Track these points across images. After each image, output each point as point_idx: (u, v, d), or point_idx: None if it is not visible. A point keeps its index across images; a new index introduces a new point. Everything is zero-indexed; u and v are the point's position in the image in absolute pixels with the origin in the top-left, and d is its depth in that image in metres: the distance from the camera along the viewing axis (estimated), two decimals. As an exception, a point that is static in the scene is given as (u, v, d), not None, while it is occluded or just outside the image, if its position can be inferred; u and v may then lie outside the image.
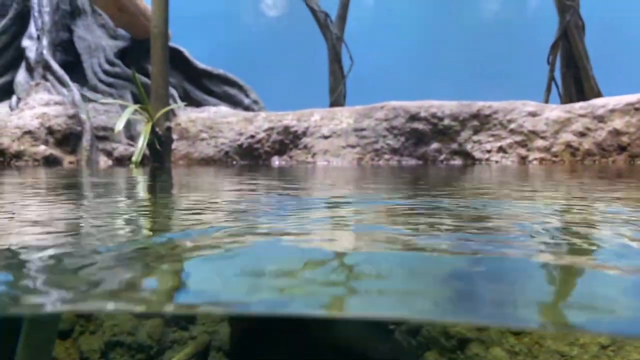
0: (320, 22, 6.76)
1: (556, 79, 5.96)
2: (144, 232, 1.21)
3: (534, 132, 4.72)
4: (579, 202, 1.92)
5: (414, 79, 8.94)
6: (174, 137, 4.98)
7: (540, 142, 4.70)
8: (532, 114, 4.79)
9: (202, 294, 0.68)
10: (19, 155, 4.86)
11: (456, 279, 0.73)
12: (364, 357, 3.93)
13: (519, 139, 4.72)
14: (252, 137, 5.08)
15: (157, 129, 4.31)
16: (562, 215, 1.50)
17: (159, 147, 4.33)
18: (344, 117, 5.13)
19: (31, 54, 5.95)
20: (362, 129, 4.97)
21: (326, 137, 5.01)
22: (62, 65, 5.99)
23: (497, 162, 4.63)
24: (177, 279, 0.75)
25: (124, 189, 2.87)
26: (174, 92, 5.89)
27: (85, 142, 5.11)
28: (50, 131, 5.13)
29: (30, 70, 5.96)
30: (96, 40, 6.47)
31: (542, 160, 4.65)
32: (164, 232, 1.21)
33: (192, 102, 6.25)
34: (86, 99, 5.74)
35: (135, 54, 6.41)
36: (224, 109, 5.65)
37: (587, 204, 1.89)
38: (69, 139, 5.16)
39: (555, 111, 4.81)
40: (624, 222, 1.36)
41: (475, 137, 4.78)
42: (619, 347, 3.31)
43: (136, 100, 5.41)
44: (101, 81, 6.26)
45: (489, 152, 4.70)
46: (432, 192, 2.36)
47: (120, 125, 4.10)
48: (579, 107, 4.82)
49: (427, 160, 4.77)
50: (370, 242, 1.04)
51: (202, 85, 6.49)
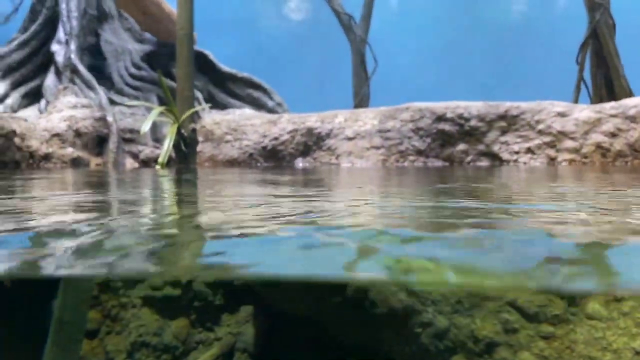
0: (344, 25, 6.75)
1: (585, 80, 5.83)
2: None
3: (563, 133, 4.62)
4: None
5: (439, 80, 8.85)
6: (199, 139, 5.01)
7: (569, 143, 4.59)
8: (561, 115, 4.69)
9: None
10: (47, 157, 4.95)
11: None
12: (389, 360, 3.84)
13: (547, 139, 4.62)
14: (275, 139, 5.08)
15: (183, 131, 4.34)
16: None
17: (184, 148, 4.36)
18: (368, 119, 5.10)
19: (60, 58, 6.07)
20: (387, 130, 4.93)
21: (350, 139, 4.98)
22: (90, 69, 6.09)
23: (525, 163, 4.54)
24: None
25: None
26: (199, 94, 5.93)
27: (111, 144, 5.17)
28: (77, 134, 5.22)
29: (58, 74, 6.08)
30: (122, 44, 6.56)
31: (571, 161, 4.55)
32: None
33: (216, 105, 6.29)
34: (113, 102, 5.82)
35: (160, 57, 6.48)
36: (248, 112, 5.66)
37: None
38: (96, 142, 5.24)
39: (585, 111, 4.70)
40: None
41: (502, 138, 4.70)
42: (656, 353, 3.16)
43: (162, 103, 5.47)
44: (127, 84, 6.34)
45: (517, 153, 4.61)
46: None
47: (146, 126, 4.13)
48: (609, 107, 4.70)
49: (453, 161, 4.70)
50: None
51: (227, 88, 6.53)
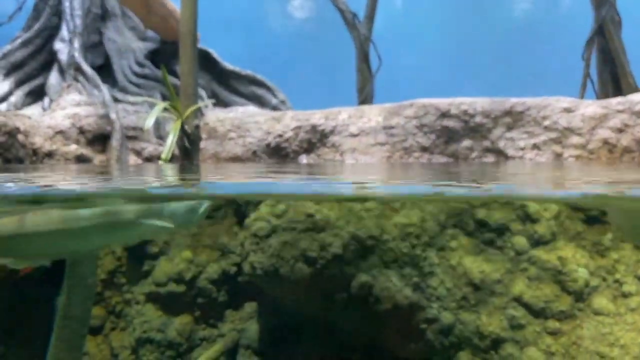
0: (348, 23, 6.72)
1: (591, 76, 5.79)
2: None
3: (569, 129, 4.58)
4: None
5: (444, 78, 8.82)
6: (203, 136, 4.99)
7: (575, 139, 4.55)
8: (567, 110, 4.65)
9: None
10: (50, 154, 4.94)
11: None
12: (392, 358, 3.83)
13: (553, 135, 4.59)
14: (279, 136, 5.06)
15: (186, 127, 4.33)
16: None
17: (188, 145, 4.35)
18: (373, 115, 5.07)
19: (63, 57, 6.06)
20: (391, 127, 4.91)
21: (354, 136, 4.96)
22: (93, 67, 6.08)
23: (531, 159, 4.51)
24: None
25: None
26: (202, 92, 5.92)
27: (115, 141, 5.16)
28: (81, 131, 5.21)
29: (62, 72, 6.07)
30: (126, 42, 6.55)
31: (577, 157, 4.51)
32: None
33: (220, 102, 6.28)
34: (116, 100, 5.82)
35: (164, 55, 6.47)
36: (251, 109, 5.65)
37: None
38: (100, 139, 5.23)
39: (591, 107, 4.66)
40: None
41: (508, 134, 4.67)
42: (664, 349, 3.12)
43: (165, 101, 5.45)
44: (131, 82, 6.33)
45: (523, 149, 4.58)
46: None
47: (149, 122, 4.12)
48: (616, 102, 4.66)
49: (458, 157, 4.68)
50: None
51: (230, 86, 6.51)
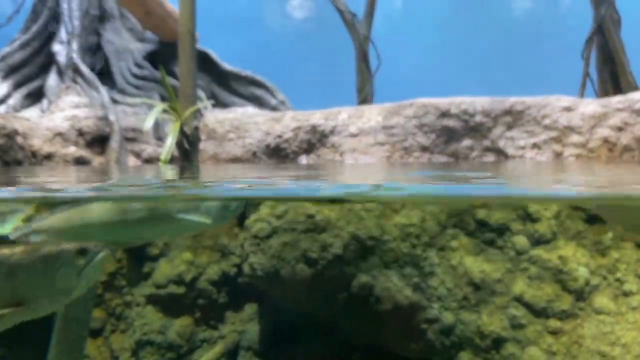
0: (347, 22, 6.73)
1: (591, 75, 5.79)
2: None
3: (569, 128, 4.58)
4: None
5: (444, 78, 8.81)
6: (202, 137, 4.99)
7: (575, 138, 4.55)
8: (567, 109, 4.65)
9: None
10: (49, 156, 4.93)
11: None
12: (395, 358, 3.82)
13: (553, 134, 4.58)
14: (279, 136, 5.05)
15: (185, 128, 4.32)
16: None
17: (187, 146, 4.34)
18: (373, 115, 5.06)
19: (61, 58, 6.06)
20: (391, 127, 4.90)
21: (354, 136, 4.95)
22: (92, 68, 6.08)
23: (531, 158, 4.50)
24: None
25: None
26: (201, 93, 5.92)
27: (114, 143, 5.15)
28: (80, 133, 5.20)
29: (60, 74, 6.07)
30: (124, 43, 6.55)
31: (577, 156, 4.51)
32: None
33: (219, 103, 6.27)
34: (115, 102, 5.81)
35: (163, 56, 6.47)
36: (251, 110, 5.64)
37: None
38: (98, 140, 5.22)
39: (591, 106, 4.66)
40: None
41: (508, 134, 4.66)
42: (665, 348, 3.11)
43: (164, 102, 5.44)
44: (129, 84, 6.33)
45: (523, 148, 4.58)
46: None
47: (149, 123, 4.12)
48: (616, 101, 4.66)
49: (458, 157, 4.67)
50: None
51: (229, 86, 6.51)
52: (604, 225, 3.63)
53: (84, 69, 5.87)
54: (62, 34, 6.23)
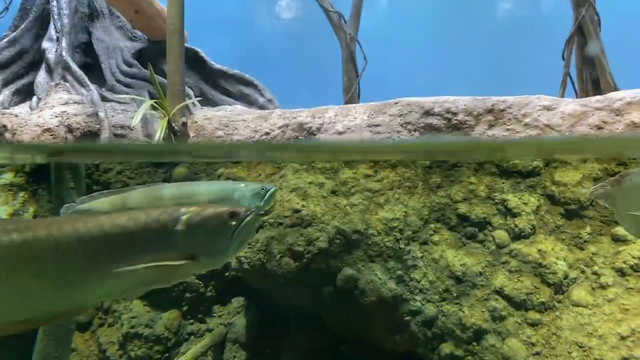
0: (333, 23, 6.80)
1: (572, 75, 5.91)
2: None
3: (549, 126, 4.68)
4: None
5: (429, 78, 8.92)
6: (191, 134, 5.03)
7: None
8: (547, 108, 4.75)
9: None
10: (39, 152, 4.95)
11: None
12: (380, 350, 3.91)
13: (533, 132, 4.68)
14: (267, 133, 5.11)
15: (174, 124, 4.37)
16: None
17: (175, 142, 4.39)
18: (358, 114, 5.14)
19: (51, 56, 6.06)
20: (376, 125, 4.98)
21: (340, 133, 5.02)
22: (81, 66, 6.09)
23: (512, 155, 4.60)
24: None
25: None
26: (190, 91, 5.95)
27: (103, 139, 5.18)
28: (69, 129, 5.22)
29: (50, 71, 6.07)
30: (114, 41, 6.57)
31: (558, 154, 4.62)
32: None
33: (208, 101, 6.31)
34: (105, 99, 5.83)
35: (152, 55, 6.50)
36: (239, 108, 5.69)
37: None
38: (88, 137, 5.25)
39: (570, 105, 4.76)
40: None
41: (489, 132, 4.76)
42: (639, 337, 3.25)
43: (153, 100, 5.48)
44: (119, 82, 6.35)
45: (504, 146, 4.68)
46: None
47: (137, 119, 4.16)
48: (595, 100, 4.77)
49: (441, 154, 4.77)
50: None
51: (218, 85, 6.55)
52: (582, 220, 3.74)
53: (74, 66, 5.89)
54: (52, 32, 6.24)
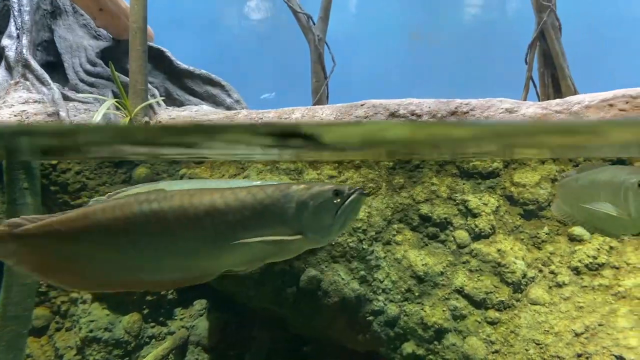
0: (302, 24, 6.80)
1: (534, 79, 6.04)
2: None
3: (511, 128, 4.77)
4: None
5: (397, 80, 9.01)
6: (154, 134, 4.96)
7: (517, 138, 4.75)
8: (509, 111, 4.84)
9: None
10: (-4, 152, 4.81)
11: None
12: (343, 350, 3.92)
13: (496, 134, 4.77)
14: (232, 134, 5.08)
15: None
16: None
17: (137, 142, 4.31)
18: (325, 115, 5.15)
19: (11, 53, 5.89)
20: (342, 126, 4.99)
21: (306, 134, 5.03)
22: (43, 65, 5.95)
23: (475, 157, 4.67)
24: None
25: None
26: (155, 91, 5.87)
27: (64, 140, 5.06)
28: (28, 129, 5.09)
29: (9, 69, 5.91)
30: (77, 40, 6.44)
31: (519, 155, 4.71)
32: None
33: (174, 101, 6.24)
34: (67, 99, 5.70)
35: (117, 54, 6.39)
36: (205, 108, 5.64)
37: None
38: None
39: (531, 108, 4.87)
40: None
41: (453, 133, 4.82)
42: (593, 334, 3.34)
43: (116, 99, 5.39)
44: (82, 81, 6.22)
45: (467, 147, 4.74)
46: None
47: (96, 118, 4.09)
48: (555, 103, 4.88)
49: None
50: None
51: (184, 85, 6.48)
52: (539, 220, 3.82)
53: (34, 64, 5.74)
54: (12, 29, 6.07)
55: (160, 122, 5.14)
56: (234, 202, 1.71)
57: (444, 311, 3.65)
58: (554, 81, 5.79)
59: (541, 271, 3.69)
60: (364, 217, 3.81)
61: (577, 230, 3.69)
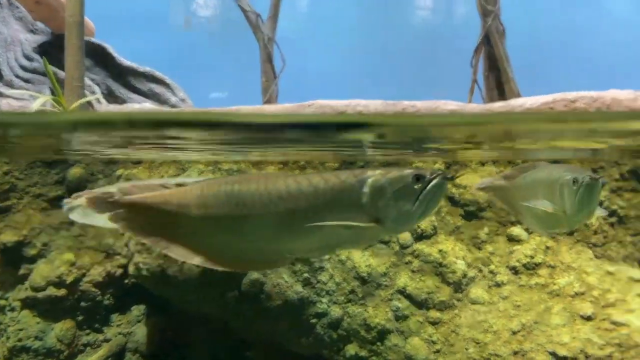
0: (251, 23, 6.72)
1: (479, 82, 6.17)
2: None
3: (455, 130, 4.85)
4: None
5: (347, 80, 9.05)
6: (93, 133, 4.76)
7: (461, 140, 4.83)
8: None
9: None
10: None
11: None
12: (287, 354, 3.86)
13: (440, 136, 4.83)
14: (176, 134, 4.94)
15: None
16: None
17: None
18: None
19: (-62, 46, 5.56)
20: (289, 126, 4.95)
21: (252, 134, 4.95)
22: (-26, 58, 5.63)
23: (419, 158, 4.72)
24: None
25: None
26: (96, 88, 5.66)
27: (-5, 138, 4.80)
28: (-44, 126, 4.80)
29: (-64, 63, 5.56)
30: (13, 33, 6.12)
31: (462, 156, 4.79)
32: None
33: (116, 99, 6.03)
34: (1, 95, 5.41)
35: (55, 48, 6.12)
36: (148, 106, 5.48)
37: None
38: (-23, 135, 4.84)
39: (475, 110, 4.96)
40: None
41: (399, 135, 4.86)
42: (529, 332, 3.41)
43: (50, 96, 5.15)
44: (18, 77, 5.92)
45: (412, 148, 4.79)
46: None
47: (28, 117, 3.88)
48: (498, 106, 5.00)
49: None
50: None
51: (127, 82, 6.28)
52: (480, 221, 3.88)
53: (-36, 58, 5.43)
54: (-61, 20, 5.72)
55: (99, 120, 4.94)
56: (306, 186, 1.72)
57: (386, 312, 3.66)
58: (498, 84, 5.93)
59: (481, 271, 3.76)
60: (308, 218, 3.77)
61: (516, 230, 3.77)
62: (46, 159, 3.85)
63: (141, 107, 5.33)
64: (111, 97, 5.91)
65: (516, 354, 3.40)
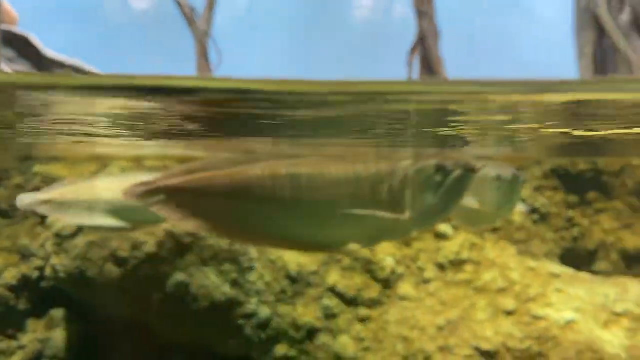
0: (187, 17, 6.58)
1: (415, 82, 6.28)
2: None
3: (389, 129, 4.90)
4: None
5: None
6: (12, 128, 4.50)
7: (394, 138, 4.89)
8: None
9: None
10: None
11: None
12: (215, 357, 3.77)
13: (374, 134, 4.88)
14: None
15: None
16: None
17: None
18: (204, 111, 4.98)
19: None
20: (222, 123, 4.86)
21: (184, 131, 4.83)
22: None
23: (353, 156, 4.75)
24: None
25: None
26: (17, 80, 5.36)
27: None
28: None
29: None
30: None
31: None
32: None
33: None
34: None
35: (-27, 38, 5.75)
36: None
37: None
38: None
39: (408, 109, 5.04)
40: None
41: (333, 133, 4.87)
42: (454, 327, 3.46)
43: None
44: None
45: (346, 147, 4.81)
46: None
47: None
48: (430, 105, 5.10)
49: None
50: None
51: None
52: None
53: None
54: None
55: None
56: (344, 174, 1.69)
57: (316, 310, 3.64)
58: (432, 84, 6.05)
59: (409, 268, 3.80)
60: (237, 217, 3.70)
61: (443, 227, 3.83)
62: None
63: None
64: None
65: (442, 349, 3.46)
